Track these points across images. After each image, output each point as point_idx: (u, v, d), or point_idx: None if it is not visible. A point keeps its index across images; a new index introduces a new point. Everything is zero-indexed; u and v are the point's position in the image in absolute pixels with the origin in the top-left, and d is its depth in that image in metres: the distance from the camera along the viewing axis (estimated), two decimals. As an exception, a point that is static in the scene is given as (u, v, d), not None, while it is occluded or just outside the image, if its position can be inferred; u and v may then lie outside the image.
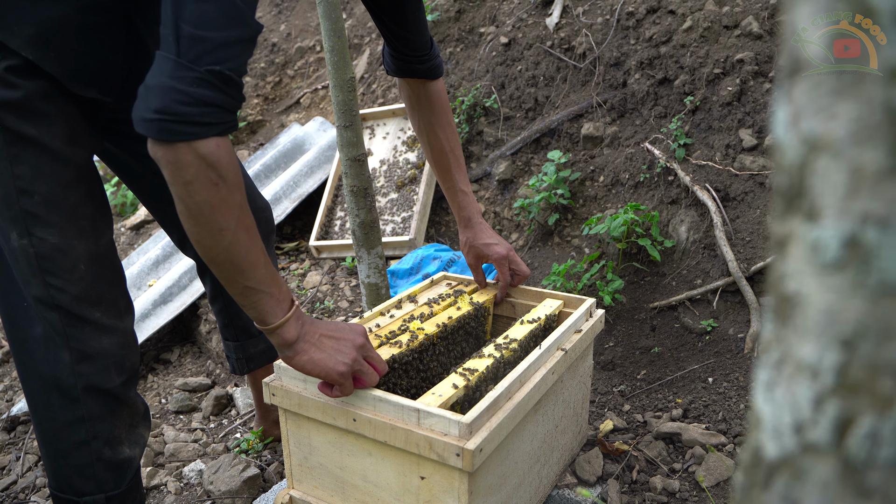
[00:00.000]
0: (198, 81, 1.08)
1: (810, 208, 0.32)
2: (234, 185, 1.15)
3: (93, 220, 1.42)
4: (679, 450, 1.91)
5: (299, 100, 4.65)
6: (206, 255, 1.18)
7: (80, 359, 1.41)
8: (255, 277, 1.21)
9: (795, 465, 0.35)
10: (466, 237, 1.86)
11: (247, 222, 1.19)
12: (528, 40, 3.41)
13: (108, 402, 1.46)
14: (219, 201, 1.13)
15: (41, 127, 1.32)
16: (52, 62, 1.30)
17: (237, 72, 1.13)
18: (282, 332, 1.26)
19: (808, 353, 0.33)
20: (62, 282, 1.37)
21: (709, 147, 2.65)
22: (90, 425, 1.45)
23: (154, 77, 1.09)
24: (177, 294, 3.14)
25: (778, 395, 0.35)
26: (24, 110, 1.31)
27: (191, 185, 1.11)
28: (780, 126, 0.33)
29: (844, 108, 0.30)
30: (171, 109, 1.07)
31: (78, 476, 1.47)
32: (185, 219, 1.15)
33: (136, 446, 1.55)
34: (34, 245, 1.34)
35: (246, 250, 1.18)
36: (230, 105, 1.13)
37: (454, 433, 1.26)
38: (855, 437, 0.32)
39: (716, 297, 2.39)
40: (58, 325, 1.39)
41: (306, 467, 1.53)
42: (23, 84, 1.29)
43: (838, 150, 0.30)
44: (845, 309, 0.31)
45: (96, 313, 1.42)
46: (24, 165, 1.32)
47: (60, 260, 1.37)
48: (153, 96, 1.08)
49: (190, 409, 2.62)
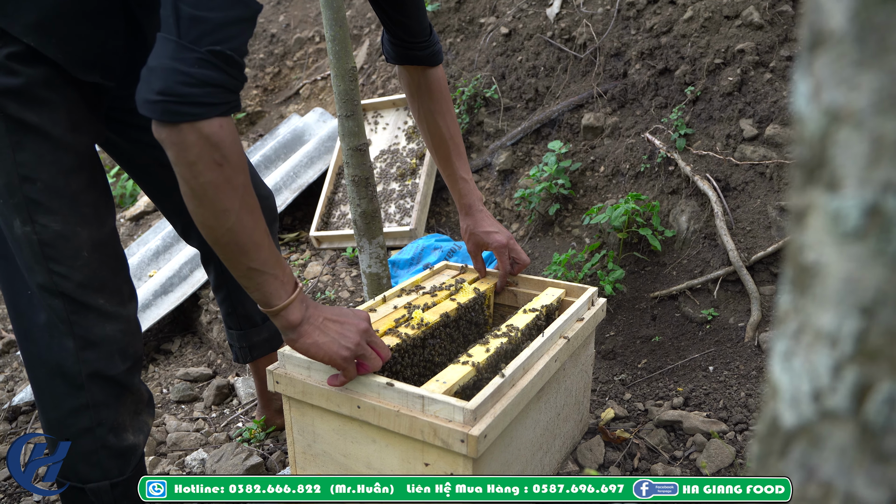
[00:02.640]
0: (199, 62, 1.09)
1: (831, 178, 0.33)
2: (237, 167, 1.16)
3: (95, 207, 1.42)
4: (680, 438, 1.92)
5: (299, 90, 4.64)
6: (210, 236, 1.19)
7: (85, 346, 1.41)
8: (258, 259, 1.22)
9: (813, 432, 0.35)
10: (467, 225, 1.87)
11: (250, 203, 1.20)
12: (529, 31, 3.41)
13: (113, 389, 1.47)
14: (223, 182, 1.14)
15: (43, 114, 1.32)
16: (54, 47, 1.30)
17: (238, 52, 1.14)
18: (286, 314, 1.27)
19: (827, 321, 0.34)
20: (65, 268, 1.37)
21: (709, 137, 2.65)
22: (95, 412, 1.45)
23: (156, 59, 1.10)
24: (177, 284, 3.14)
25: (796, 364, 0.36)
26: (25, 97, 1.30)
27: (195, 165, 1.12)
28: (802, 98, 0.34)
29: (866, 78, 0.30)
30: (174, 90, 1.08)
31: (83, 463, 1.47)
32: (189, 200, 1.16)
33: (140, 434, 1.56)
34: (37, 232, 1.34)
35: (250, 231, 1.19)
36: (232, 85, 1.14)
37: (459, 419, 1.27)
38: (873, 402, 0.32)
39: (716, 286, 2.40)
40: (62, 313, 1.39)
41: (310, 455, 1.54)
42: (24, 71, 1.29)
43: (860, 120, 0.31)
44: (865, 277, 0.32)
45: (100, 300, 1.42)
46: (27, 152, 1.31)
47: (63, 247, 1.36)
48: (155, 78, 1.09)
49: (191, 399, 2.63)
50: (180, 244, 3.47)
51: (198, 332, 3.19)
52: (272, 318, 1.29)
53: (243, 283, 1.25)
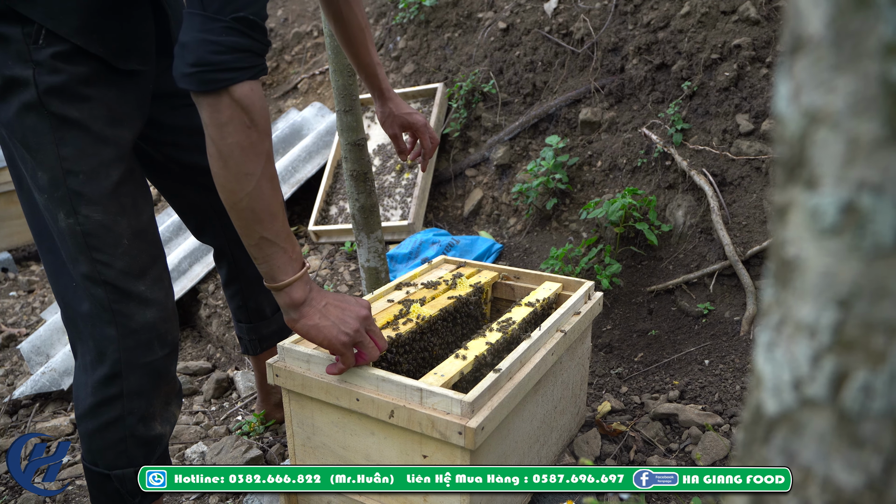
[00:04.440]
0: (227, 30, 1.17)
1: (810, 177, 0.34)
2: (263, 132, 1.23)
3: (133, 196, 1.47)
4: (676, 430, 1.94)
5: (297, 85, 4.65)
6: (229, 199, 1.25)
7: (126, 333, 1.46)
8: (272, 229, 1.27)
9: (794, 419, 0.37)
10: (388, 108, 1.88)
11: (271, 171, 1.26)
12: (527, 25, 3.42)
13: (150, 377, 1.51)
14: (249, 145, 1.21)
15: (84, 109, 1.37)
16: (97, 44, 1.36)
17: (259, 16, 1.20)
18: (290, 290, 1.31)
19: (806, 313, 0.35)
20: (108, 257, 1.42)
21: (706, 132, 2.67)
22: (128, 401, 1.49)
23: (186, 34, 1.18)
24: (176, 279, 3.16)
25: (778, 355, 0.38)
26: (67, 94, 1.35)
27: (225, 126, 1.19)
28: (782, 100, 0.36)
29: (843, 81, 0.32)
30: (207, 60, 1.16)
31: (111, 450, 1.51)
32: (215, 161, 1.23)
33: (167, 424, 1.60)
34: (80, 223, 1.39)
35: (268, 200, 1.25)
36: (259, 49, 1.22)
37: (456, 412, 1.28)
38: (850, 390, 0.34)
39: (712, 280, 2.42)
40: (104, 301, 1.44)
41: (309, 447, 1.56)
42: (66, 69, 1.34)
43: (837, 121, 0.32)
44: (842, 271, 0.33)
45: (140, 286, 1.47)
46: (69, 147, 1.36)
47: (105, 236, 1.41)
48: (188, 52, 1.17)
49: (191, 393, 2.65)
50: (179, 239, 3.48)
51: (197, 326, 3.21)
52: (275, 295, 1.33)
53: (253, 254, 1.30)
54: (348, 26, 1.80)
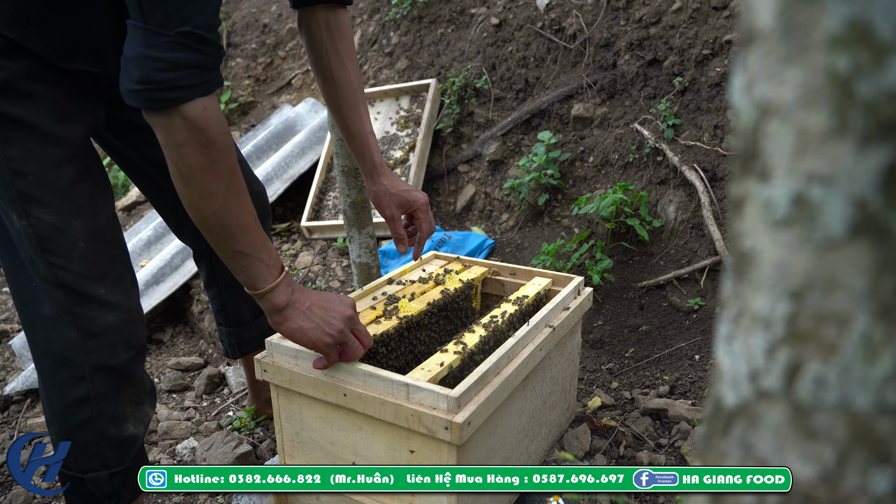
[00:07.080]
0: (172, 45, 1.08)
1: (763, 169, 0.34)
2: (223, 149, 1.17)
3: (90, 197, 1.42)
4: (665, 425, 1.94)
5: (290, 81, 4.64)
6: (197, 218, 1.20)
7: (87, 337, 1.42)
8: (245, 242, 1.23)
9: (751, 411, 0.37)
10: (382, 186, 1.65)
11: (237, 186, 1.21)
12: (519, 21, 3.42)
13: (116, 380, 1.47)
14: (209, 164, 1.15)
15: (28, 107, 1.31)
16: (34, 38, 1.28)
17: (207, 28, 1.11)
18: (271, 297, 1.29)
19: (761, 305, 0.35)
20: (64, 260, 1.37)
21: (697, 128, 2.67)
22: (95, 403, 1.46)
23: (130, 47, 1.10)
24: (169, 274, 3.15)
25: (735, 347, 0.38)
26: (8, 92, 1.29)
27: (182, 147, 1.13)
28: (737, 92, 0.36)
29: (792, 73, 0.32)
30: (151, 78, 1.08)
31: (83, 453, 1.48)
32: (177, 181, 1.18)
33: (140, 424, 1.57)
34: (33, 226, 1.34)
35: (236, 214, 1.21)
36: (208, 63, 1.13)
37: (443, 407, 1.28)
38: (803, 382, 0.34)
39: (703, 276, 2.42)
40: (64, 304, 1.40)
41: (298, 442, 1.56)
42: (5, 65, 1.28)
43: (787, 113, 0.32)
44: (794, 263, 0.33)
45: (101, 290, 1.43)
46: (15, 147, 1.31)
47: (59, 239, 1.37)
48: (132, 67, 1.09)
49: (182, 388, 2.65)
50: (172, 234, 3.47)
51: (189, 321, 3.20)
52: (257, 301, 1.31)
53: (229, 265, 1.27)
54: (339, 86, 1.60)
